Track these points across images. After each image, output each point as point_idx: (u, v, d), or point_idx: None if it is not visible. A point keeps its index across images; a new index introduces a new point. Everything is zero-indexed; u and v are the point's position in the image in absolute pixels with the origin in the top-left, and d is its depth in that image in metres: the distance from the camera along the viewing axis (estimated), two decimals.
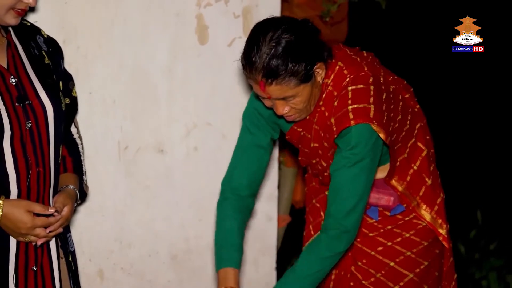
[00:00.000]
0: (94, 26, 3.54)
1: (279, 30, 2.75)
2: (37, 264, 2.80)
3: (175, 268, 3.89)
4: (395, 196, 3.12)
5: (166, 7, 3.71)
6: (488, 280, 5.20)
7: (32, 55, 2.83)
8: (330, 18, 4.62)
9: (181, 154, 3.83)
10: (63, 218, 2.78)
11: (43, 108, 2.76)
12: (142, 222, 3.81)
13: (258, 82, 2.77)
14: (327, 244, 2.88)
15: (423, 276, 3.15)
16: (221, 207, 3.10)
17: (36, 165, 2.74)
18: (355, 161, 2.83)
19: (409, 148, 3.14)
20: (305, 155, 3.13)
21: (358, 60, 2.96)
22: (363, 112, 2.81)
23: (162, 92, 3.77)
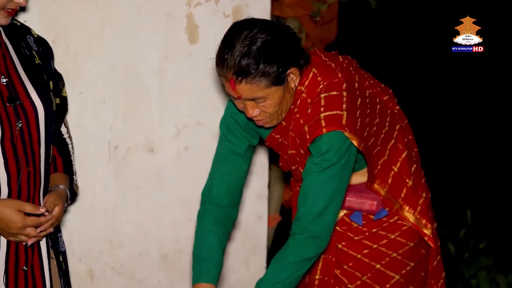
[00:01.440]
0: (84, 26, 3.54)
1: (254, 29, 2.76)
2: (27, 264, 2.80)
3: (165, 268, 3.89)
4: (378, 201, 3.12)
5: (156, 7, 3.71)
6: (478, 279, 5.21)
7: (22, 55, 2.84)
8: (320, 17, 4.63)
9: (172, 154, 3.84)
10: (54, 218, 2.79)
11: (34, 108, 2.76)
12: (132, 222, 3.81)
13: (229, 80, 2.77)
14: (294, 249, 2.86)
15: (410, 277, 3.15)
16: (201, 219, 3.08)
17: (26, 165, 2.74)
18: (325, 167, 2.82)
19: (389, 150, 3.13)
20: (285, 161, 3.14)
21: (333, 66, 2.95)
22: (335, 120, 2.81)
23: (152, 92, 3.77)
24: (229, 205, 3.09)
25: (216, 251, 3.01)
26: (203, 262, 2.99)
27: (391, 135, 3.11)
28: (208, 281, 2.96)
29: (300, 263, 2.86)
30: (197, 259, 3.01)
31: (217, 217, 3.06)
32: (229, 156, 3.09)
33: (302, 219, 2.83)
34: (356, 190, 3.09)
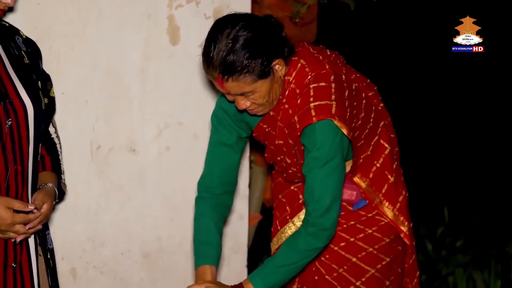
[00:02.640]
0: (66, 27, 3.54)
1: (236, 27, 2.78)
2: (16, 261, 2.81)
3: (147, 266, 3.88)
4: (357, 191, 3.14)
5: (138, 8, 3.72)
6: (455, 276, 5.22)
7: (11, 54, 2.85)
8: (300, 19, 4.64)
9: (153, 153, 3.84)
10: (43, 215, 2.80)
11: (23, 106, 2.77)
12: (115, 221, 3.81)
13: (216, 79, 2.80)
14: (305, 239, 2.90)
15: (385, 272, 3.16)
16: (197, 205, 3.13)
17: (14, 162, 2.75)
18: (324, 162, 2.84)
19: (373, 145, 3.15)
20: (271, 151, 3.14)
21: (320, 58, 2.97)
22: (325, 109, 2.83)
23: (134, 92, 3.78)
24: (222, 193, 3.13)
25: (213, 235, 3.06)
26: (202, 245, 3.04)
27: (375, 131, 3.13)
28: (208, 262, 3.01)
29: (309, 251, 2.91)
30: (197, 244, 3.07)
31: (212, 204, 3.10)
32: (219, 147, 3.12)
33: (312, 214, 2.87)
34: None
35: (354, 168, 3.12)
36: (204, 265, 3.00)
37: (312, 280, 3.18)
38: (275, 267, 2.91)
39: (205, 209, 3.09)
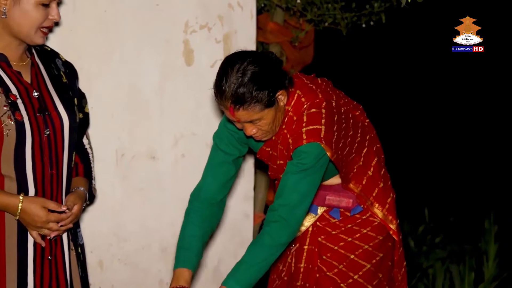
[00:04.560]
0: (95, 50, 3.54)
1: (245, 62, 2.78)
2: (51, 254, 2.81)
3: (165, 259, 3.87)
4: (354, 198, 3.15)
5: (157, 34, 3.72)
6: (434, 268, 5.21)
7: (52, 74, 2.86)
8: (298, 43, 4.64)
9: (170, 160, 3.83)
10: (73, 215, 2.80)
11: (60, 119, 2.78)
12: (136, 219, 3.80)
13: (228, 108, 2.79)
14: (270, 235, 2.86)
15: (379, 266, 3.17)
16: (187, 215, 3.08)
17: (50, 168, 2.75)
18: (301, 169, 2.85)
19: (363, 156, 3.16)
20: (273, 170, 3.14)
21: (314, 88, 2.98)
22: (315, 133, 2.85)
23: (153, 106, 3.77)
24: (216, 204, 3.09)
25: (197, 242, 3.00)
26: (184, 250, 2.98)
27: (363, 144, 3.15)
28: (186, 266, 2.94)
29: (275, 247, 2.86)
30: (179, 248, 3.00)
31: (203, 214, 3.05)
32: (220, 164, 3.09)
33: (278, 209, 2.85)
34: (335, 190, 3.14)
35: (347, 178, 3.13)
36: (182, 268, 2.94)
37: (315, 277, 3.18)
38: (247, 267, 2.86)
39: (195, 218, 3.04)
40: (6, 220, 2.72)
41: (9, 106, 2.66)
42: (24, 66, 2.79)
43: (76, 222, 2.90)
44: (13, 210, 2.68)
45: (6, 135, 2.64)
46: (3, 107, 2.64)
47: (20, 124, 2.66)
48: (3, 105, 2.65)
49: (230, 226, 3.99)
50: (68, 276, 2.89)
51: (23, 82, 2.75)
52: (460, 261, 5.27)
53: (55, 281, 2.84)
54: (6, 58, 2.74)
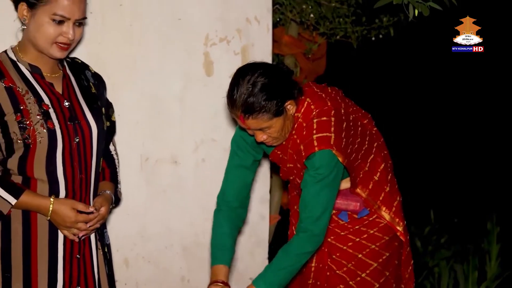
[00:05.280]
0: (121, 62, 3.56)
1: (255, 73, 2.79)
2: (80, 253, 2.84)
3: (186, 257, 3.88)
4: (361, 202, 3.15)
5: (179, 46, 3.73)
6: (440, 267, 5.21)
7: (82, 85, 2.89)
8: (312, 54, 4.64)
9: (191, 165, 3.84)
10: (100, 216, 2.83)
11: (89, 127, 2.81)
12: (159, 220, 3.81)
13: (239, 117, 2.81)
14: (298, 244, 2.90)
15: (385, 265, 3.18)
16: (216, 216, 3.12)
17: (79, 172, 2.78)
18: (319, 179, 2.86)
19: (369, 162, 3.17)
20: (284, 172, 3.16)
21: (323, 96, 2.98)
22: (325, 140, 2.86)
23: (175, 114, 3.78)
24: (238, 206, 3.13)
25: (228, 239, 3.05)
26: (218, 248, 3.03)
27: (371, 151, 3.15)
28: (222, 263, 3.00)
29: (302, 255, 2.91)
30: (213, 247, 3.05)
31: (229, 215, 3.09)
32: (237, 168, 3.12)
33: (304, 221, 2.88)
34: (343, 194, 3.14)
35: (354, 183, 3.14)
36: (218, 264, 3.00)
37: (325, 276, 3.20)
38: (275, 271, 2.90)
39: (222, 219, 3.09)
40: (38, 222, 2.75)
41: (42, 115, 2.69)
42: (56, 78, 2.82)
43: (103, 224, 2.93)
44: (45, 211, 2.71)
45: (39, 142, 2.67)
46: (37, 116, 2.68)
47: (52, 132, 2.69)
48: (36, 114, 2.68)
49: (247, 227, 3.98)
50: (96, 273, 2.91)
51: (55, 92, 2.78)
52: (464, 260, 5.26)
53: (83, 278, 2.86)
54: (39, 70, 2.77)
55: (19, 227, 2.73)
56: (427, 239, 5.67)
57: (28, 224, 2.74)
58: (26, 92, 2.70)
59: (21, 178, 2.73)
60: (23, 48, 2.77)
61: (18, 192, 2.69)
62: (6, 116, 2.66)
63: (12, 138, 2.67)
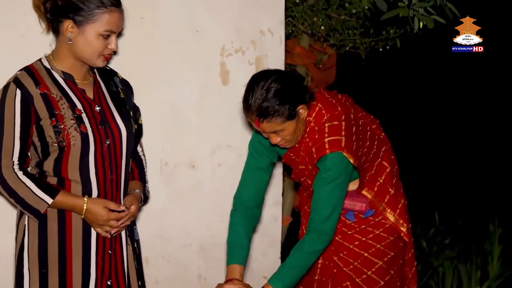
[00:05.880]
0: (142, 71, 3.57)
1: (269, 80, 2.82)
2: (111, 248, 2.89)
3: (203, 257, 3.90)
4: (366, 203, 3.16)
5: (197, 57, 3.74)
6: (444, 267, 5.18)
7: (111, 90, 2.94)
8: (322, 65, 4.64)
9: (208, 169, 3.85)
10: (130, 213, 2.87)
11: (118, 130, 2.86)
12: (178, 221, 3.82)
13: (254, 121, 2.84)
14: (309, 243, 2.92)
15: (390, 263, 3.19)
16: (232, 216, 3.14)
17: (110, 173, 2.82)
18: (330, 180, 2.88)
19: (376, 166, 3.18)
20: (296, 174, 3.18)
21: (334, 102, 3.00)
22: (336, 143, 2.88)
23: (193, 121, 3.79)
24: (254, 206, 3.14)
25: (243, 239, 3.06)
26: (234, 247, 3.05)
27: (378, 155, 3.17)
28: (237, 262, 3.01)
29: (312, 253, 2.93)
30: (229, 246, 3.07)
31: (245, 215, 3.11)
32: (254, 171, 3.14)
33: (314, 221, 2.91)
34: (350, 195, 3.15)
35: (362, 184, 3.16)
36: (234, 264, 3.01)
37: (331, 272, 3.21)
38: (288, 269, 2.91)
39: (238, 218, 3.10)
40: (73, 221, 2.80)
41: (75, 120, 2.75)
42: (88, 84, 2.88)
43: (133, 221, 2.97)
44: (79, 210, 2.77)
45: (73, 145, 2.73)
46: (70, 120, 2.74)
47: (85, 135, 2.75)
48: (70, 119, 2.74)
49: (260, 228, 3.98)
50: (125, 268, 2.95)
51: (87, 98, 2.84)
52: (467, 260, 5.24)
53: (114, 273, 2.91)
54: (72, 77, 2.83)
55: (55, 226, 2.79)
56: (432, 240, 5.65)
57: (63, 223, 2.80)
58: (60, 98, 2.76)
59: (56, 179, 2.78)
60: (58, 57, 2.83)
61: (54, 192, 2.74)
62: (42, 121, 2.72)
63: (48, 142, 2.73)
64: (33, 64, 2.84)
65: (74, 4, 2.72)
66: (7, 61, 3.29)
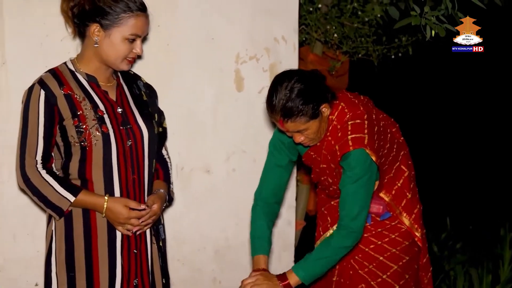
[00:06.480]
0: (159, 78, 3.56)
1: (292, 80, 2.81)
2: (137, 248, 2.90)
3: (217, 260, 3.89)
4: (384, 205, 3.15)
5: (213, 64, 3.74)
6: (455, 271, 5.17)
7: (134, 93, 2.98)
8: (335, 72, 4.63)
9: (223, 174, 3.84)
10: (152, 212, 2.88)
11: (140, 131, 2.88)
12: (193, 225, 3.81)
13: (278, 121, 2.83)
14: (338, 239, 2.92)
15: (405, 268, 3.17)
16: (254, 210, 3.18)
17: (132, 173, 2.84)
18: (355, 179, 2.87)
19: (395, 169, 3.17)
20: (316, 173, 3.17)
21: (356, 102, 3.00)
22: (359, 140, 2.86)
23: (208, 127, 3.79)
24: (274, 202, 3.18)
25: (266, 231, 3.11)
26: (257, 239, 3.09)
27: (397, 158, 3.15)
28: (262, 253, 3.07)
29: (340, 249, 2.92)
30: (253, 238, 3.12)
31: (265, 210, 3.14)
32: (274, 168, 3.15)
33: (343, 219, 2.90)
34: None
35: (381, 186, 3.14)
36: (259, 254, 3.06)
37: (348, 274, 3.20)
38: (313, 260, 2.92)
39: (259, 213, 3.14)
40: (98, 223, 2.82)
41: (97, 120, 2.78)
42: (111, 87, 2.91)
43: (158, 220, 2.99)
44: (100, 208, 2.79)
45: (94, 144, 2.76)
46: (92, 121, 2.77)
47: (106, 136, 2.78)
48: (92, 119, 2.77)
49: (274, 232, 3.90)
50: (150, 266, 2.97)
51: (109, 99, 2.87)
52: (478, 264, 5.22)
53: (140, 272, 2.92)
54: (96, 80, 2.86)
55: (80, 230, 2.82)
56: (443, 245, 5.63)
57: (88, 226, 2.82)
58: (83, 99, 2.80)
59: (80, 181, 2.81)
60: (83, 60, 2.87)
61: (76, 191, 2.77)
62: (65, 121, 2.76)
63: (70, 142, 2.77)
64: (58, 67, 2.89)
65: (101, 8, 2.76)
66: (27, 67, 3.31)
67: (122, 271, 2.86)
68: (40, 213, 3.41)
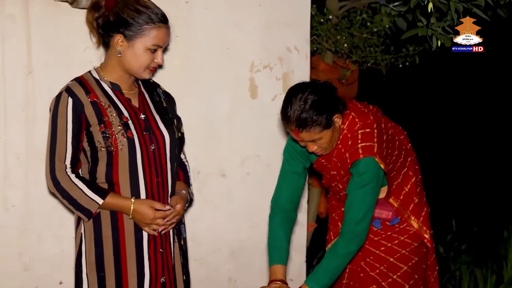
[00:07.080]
0: (177, 86, 3.58)
1: (306, 92, 2.82)
2: (162, 247, 2.93)
3: (233, 260, 3.89)
4: (393, 211, 3.16)
5: (228, 72, 3.76)
6: (461, 271, 5.16)
7: (154, 100, 3.00)
8: (345, 80, 4.64)
9: (238, 178, 3.84)
10: (176, 211, 2.90)
11: (162, 136, 2.91)
12: (209, 227, 3.82)
13: (293, 131, 2.85)
14: (343, 245, 2.91)
15: (414, 268, 3.17)
16: (272, 219, 3.14)
17: (156, 176, 2.87)
18: (363, 185, 2.88)
19: (402, 175, 3.17)
20: (327, 179, 3.18)
21: (366, 111, 3.01)
22: (369, 148, 2.87)
23: (224, 133, 3.80)
24: (291, 209, 3.15)
25: (283, 241, 3.08)
26: (275, 249, 3.06)
27: (404, 164, 3.16)
28: (279, 262, 3.03)
29: (346, 255, 2.92)
30: (271, 248, 3.09)
31: (282, 218, 3.12)
32: (290, 175, 3.14)
33: (348, 223, 2.90)
34: (377, 203, 3.12)
35: (389, 192, 3.14)
36: (276, 264, 3.02)
37: (358, 277, 3.20)
38: (323, 271, 2.91)
39: (277, 222, 3.11)
40: (125, 225, 2.85)
41: (122, 126, 2.81)
42: (133, 94, 2.94)
43: (179, 219, 3.00)
44: (127, 210, 2.82)
45: (120, 149, 2.79)
46: (118, 127, 2.80)
47: (131, 141, 2.81)
48: (117, 125, 2.80)
49: None
50: (173, 263, 2.99)
51: (133, 106, 2.90)
52: (483, 265, 5.21)
53: (166, 270, 2.95)
54: (119, 88, 2.89)
55: (108, 231, 2.85)
56: (449, 246, 5.63)
57: (116, 228, 2.85)
58: (109, 106, 2.83)
59: (107, 185, 2.84)
60: (107, 68, 2.90)
61: (104, 194, 2.80)
62: (92, 127, 2.79)
63: (97, 147, 2.80)
64: (83, 75, 2.91)
65: (125, 20, 2.79)
66: (52, 76, 3.36)
67: (150, 270, 2.88)
68: (64, 214, 3.45)
